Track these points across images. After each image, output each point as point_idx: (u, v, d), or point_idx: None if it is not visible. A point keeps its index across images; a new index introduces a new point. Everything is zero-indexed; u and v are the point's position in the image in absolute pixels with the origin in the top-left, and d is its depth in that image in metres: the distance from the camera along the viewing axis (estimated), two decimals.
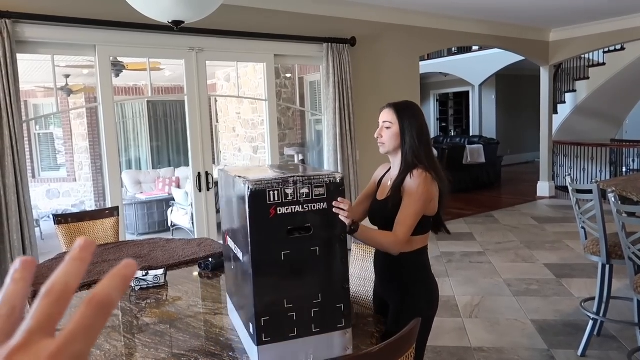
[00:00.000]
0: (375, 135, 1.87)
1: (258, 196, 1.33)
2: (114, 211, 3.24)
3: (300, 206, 1.35)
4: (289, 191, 1.35)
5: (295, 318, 1.36)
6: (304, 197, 1.35)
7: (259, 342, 1.34)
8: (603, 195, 2.62)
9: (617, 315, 3.23)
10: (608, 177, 8.40)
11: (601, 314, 2.90)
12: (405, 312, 1.76)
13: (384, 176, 1.95)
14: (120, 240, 3.50)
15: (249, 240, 1.33)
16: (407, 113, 1.82)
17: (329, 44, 5.03)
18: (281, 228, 1.35)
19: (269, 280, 1.36)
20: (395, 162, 1.85)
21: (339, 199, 1.40)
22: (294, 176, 1.36)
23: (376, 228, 1.83)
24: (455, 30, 6.30)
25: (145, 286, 2.20)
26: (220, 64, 7.53)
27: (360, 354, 1.13)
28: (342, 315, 1.39)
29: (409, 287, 1.79)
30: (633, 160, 8.59)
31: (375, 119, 1.93)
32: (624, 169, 8.78)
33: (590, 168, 8.36)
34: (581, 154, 8.39)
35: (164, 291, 2.20)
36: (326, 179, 1.38)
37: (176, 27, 2.12)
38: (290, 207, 1.34)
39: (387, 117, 1.83)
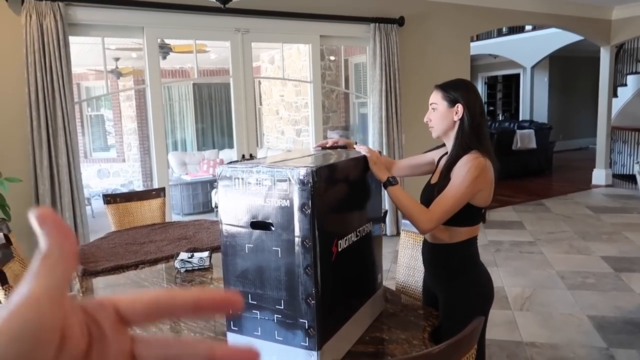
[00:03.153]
0: (425, 120, 1.75)
1: (226, 181, 1.29)
2: (160, 192, 3.27)
3: (263, 199, 1.25)
4: (252, 180, 1.26)
5: (258, 318, 1.30)
6: (266, 189, 1.24)
7: (227, 328, 1.36)
8: None
9: None
10: None
11: None
12: (455, 305, 1.67)
13: (441, 159, 1.83)
14: (167, 220, 3.54)
15: (220, 225, 1.33)
16: (454, 90, 1.66)
17: (376, 24, 4.87)
18: (245, 219, 1.28)
19: (235, 270, 1.32)
20: (449, 145, 1.72)
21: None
22: (258, 165, 1.26)
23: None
24: (508, 8, 5.98)
25: (191, 268, 2.19)
26: (264, 46, 7.49)
27: (420, 354, 1.05)
28: (306, 334, 1.23)
29: (457, 279, 1.69)
30: None
31: (422, 102, 1.82)
32: None
33: (636, 161, 7.86)
34: None
35: (208, 274, 2.18)
36: (289, 173, 1.21)
37: (224, 5, 2.07)
38: (252, 198, 1.26)
39: (432, 98, 1.71)
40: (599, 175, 7.73)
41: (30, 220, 0.28)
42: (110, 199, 3.06)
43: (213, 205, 7.33)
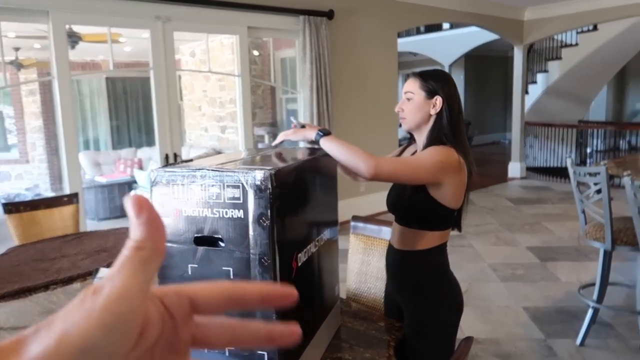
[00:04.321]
0: (396, 110, 1.57)
1: (162, 188, 1.06)
2: (73, 198, 2.89)
3: (210, 209, 1.03)
4: (195, 188, 1.04)
5: (206, 351, 1.08)
6: (214, 197, 1.03)
7: None
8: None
9: (610, 301, 3.14)
10: (576, 158, 8.48)
11: (600, 302, 2.79)
12: (425, 318, 1.54)
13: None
14: (82, 230, 3.15)
15: None
16: (434, 81, 1.51)
17: (306, 16, 4.72)
18: (187, 234, 1.06)
19: None
20: (420, 142, 1.57)
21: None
22: (202, 169, 1.03)
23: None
24: (433, 5, 6.08)
25: None
26: (184, 38, 7.08)
27: None
28: None
29: (425, 290, 1.55)
30: (600, 141, 8.70)
31: (352, 97, 1.68)
32: (589, 150, 8.90)
33: (559, 149, 8.42)
34: (551, 135, 8.43)
35: None
36: (242, 178, 1.01)
37: None
38: (196, 209, 1.04)
39: (408, 86, 1.54)
40: (515, 168, 8.15)
41: (126, 206, 0.28)
42: (11, 207, 2.63)
43: None
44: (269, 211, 1.00)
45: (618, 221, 2.61)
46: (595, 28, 8.02)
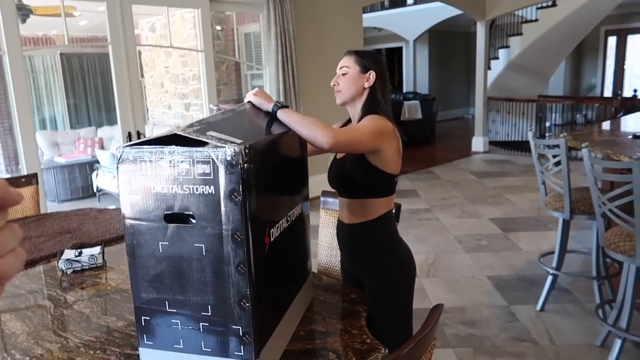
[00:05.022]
0: (332, 83, 1.63)
1: (129, 166, 1.04)
2: (32, 178, 2.78)
3: (179, 186, 1.02)
4: (164, 164, 1.02)
5: (180, 327, 1.09)
6: (183, 174, 1.01)
7: (140, 344, 1.13)
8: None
9: (567, 267, 3.29)
10: (536, 132, 8.73)
11: (559, 269, 2.91)
12: (382, 286, 1.60)
13: None
14: (42, 211, 3.04)
15: (123, 220, 1.07)
16: (367, 57, 1.62)
17: None
18: (157, 211, 1.04)
19: (146, 274, 1.09)
20: (354, 114, 1.64)
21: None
22: (170, 144, 1.01)
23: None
24: None
25: (80, 268, 1.85)
26: (143, 11, 6.82)
27: (388, 358, 0.92)
28: (241, 342, 1.05)
29: (378, 260, 1.61)
30: (558, 115, 8.97)
31: (318, 72, 1.70)
32: (548, 124, 9.17)
33: (520, 123, 8.64)
34: (512, 109, 8.62)
35: (102, 272, 1.87)
36: (212, 153, 0.98)
37: None
38: (165, 186, 1.02)
39: (344, 62, 1.62)
40: (478, 143, 8.33)
41: None
42: None
43: (95, 190, 6.62)
44: (240, 186, 0.99)
45: (576, 191, 2.72)
46: (554, 4, 8.18)
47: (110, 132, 7.88)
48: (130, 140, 4.05)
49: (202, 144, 1.03)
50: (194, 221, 1.04)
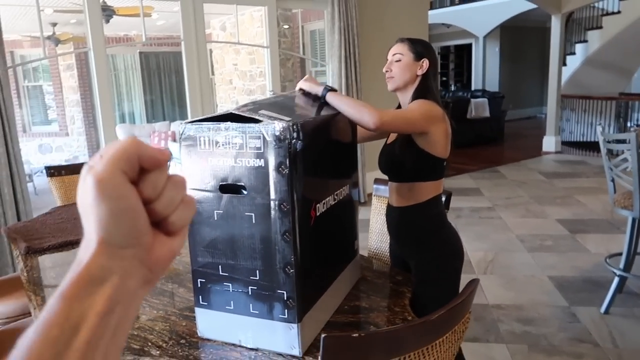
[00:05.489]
0: (384, 70, 1.67)
1: (190, 140, 1.15)
2: None
3: (233, 159, 1.10)
4: (220, 139, 1.11)
5: (231, 290, 1.17)
6: (237, 148, 1.09)
7: (196, 304, 1.23)
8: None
9: (637, 270, 3.11)
10: (615, 132, 8.21)
11: (627, 271, 2.77)
12: (429, 266, 1.63)
13: None
14: None
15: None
16: (420, 45, 1.65)
17: None
18: (213, 182, 1.14)
19: (202, 240, 1.18)
20: (405, 101, 1.67)
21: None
22: (226, 118, 1.10)
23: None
24: None
25: None
26: (215, 11, 7.13)
27: (418, 322, 0.96)
28: (285, 306, 1.12)
29: (425, 240, 1.65)
30: None
31: (381, 69, 1.73)
32: (629, 124, 8.59)
33: (597, 122, 8.16)
34: (589, 107, 8.16)
35: None
36: (262, 129, 1.06)
37: None
38: (221, 159, 1.11)
39: (397, 49, 1.66)
40: (549, 142, 7.96)
41: None
42: (54, 171, 2.79)
43: None
44: (287, 160, 1.06)
45: None
46: None
47: None
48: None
49: (255, 121, 1.12)
50: (245, 192, 1.12)
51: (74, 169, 2.85)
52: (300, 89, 1.49)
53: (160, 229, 0.36)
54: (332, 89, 1.44)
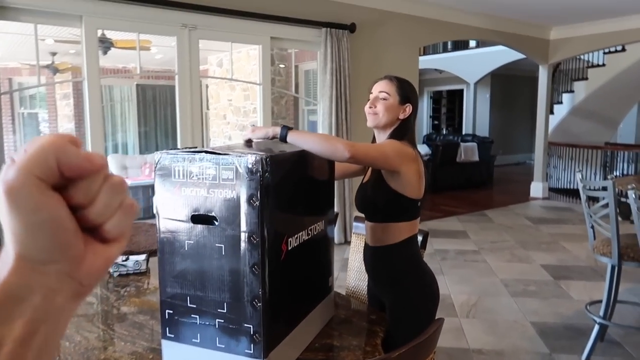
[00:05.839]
0: (368, 106, 1.67)
1: (164, 170, 1.16)
2: None
3: (206, 190, 1.12)
4: (194, 170, 1.13)
5: (198, 323, 1.17)
6: (210, 179, 1.11)
7: (163, 336, 1.22)
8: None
9: (621, 319, 3.10)
10: (601, 180, 8.33)
11: (608, 319, 2.76)
12: (401, 308, 1.62)
13: None
14: None
15: (157, 219, 1.18)
16: (407, 88, 1.68)
17: (328, 28, 4.84)
18: (186, 212, 1.15)
19: (172, 270, 1.19)
20: (380, 139, 1.70)
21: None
22: (200, 151, 1.12)
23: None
24: (456, 22, 6.14)
25: (125, 272, 2.00)
26: (212, 47, 7.29)
27: (379, 358, 0.95)
28: (252, 340, 1.11)
29: (400, 281, 1.64)
30: (628, 164, 8.52)
31: None
32: (616, 173, 8.71)
33: (584, 170, 8.28)
34: (576, 155, 8.30)
35: (145, 278, 2.00)
36: (235, 161, 1.08)
37: None
38: (194, 189, 1.13)
39: (385, 87, 1.66)
40: (537, 188, 8.05)
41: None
42: None
43: (154, 211, 6.98)
44: (258, 192, 1.08)
45: (627, 237, 2.60)
46: (623, 49, 7.93)
47: None
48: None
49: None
50: (216, 222, 1.13)
51: None
52: (248, 140, 1.43)
53: (95, 237, 0.32)
54: (290, 128, 1.41)
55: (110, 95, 9.37)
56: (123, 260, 2.03)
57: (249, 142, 1.43)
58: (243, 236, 1.11)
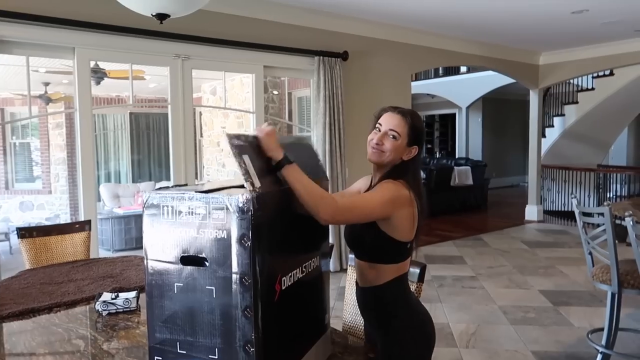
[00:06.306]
0: (375, 142, 1.55)
1: (153, 209, 1.13)
2: (85, 225, 2.97)
3: (196, 230, 1.09)
4: (184, 209, 1.10)
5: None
6: (200, 218, 1.08)
7: None
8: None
9: (622, 347, 3.04)
10: (595, 202, 8.35)
11: (610, 347, 2.70)
12: (392, 352, 1.53)
13: (367, 190, 1.71)
14: (93, 257, 3.22)
15: (145, 260, 1.14)
16: (417, 130, 1.56)
17: (321, 57, 4.87)
18: (175, 253, 1.11)
19: (161, 314, 1.13)
20: (379, 175, 1.60)
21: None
22: (190, 191, 1.11)
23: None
24: (447, 49, 6.22)
25: (114, 311, 1.94)
26: (206, 76, 7.33)
27: None
28: None
29: (390, 323, 1.55)
30: (621, 186, 8.56)
31: (365, 136, 1.65)
32: (609, 195, 8.74)
33: (577, 193, 8.30)
34: (569, 178, 8.33)
35: (135, 317, 1.94)
36: (226, 200, 1.06)
37: (161, 21, 1.92)
38: (183, 229, 1.10)
39: (397, 126, 1.53)
40: (532, 211, 8.05)
41: None
42: (25, 232, 2.73)
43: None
44: (250, 232, 1.04)
45: (626, 264, 2.57)
46: (611, 73, 8.06)
47: (167, 186, 8.29)
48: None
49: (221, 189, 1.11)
50: (207, 264, 1.09)
51: (47, 231, 2.79)
52: (255, 137, 1.31)
53: None
54: (293, 161, 1.30)
55: (103, 123, 9.36)
56: (112, 299, 1.97)
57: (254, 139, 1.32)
58: (234, 278, 1.07)
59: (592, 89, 8.43)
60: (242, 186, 1.31)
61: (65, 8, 3.52)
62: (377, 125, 1.58)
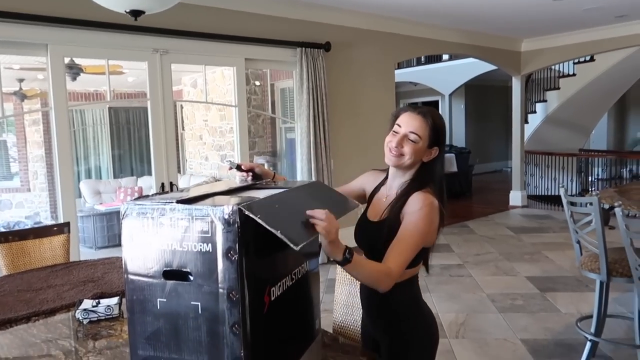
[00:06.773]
0: (394, 144, 1.47)
1: (132, 221, 1.07)
2: (63, 227, 2.87)
3: (178, 243, 1.03)
4: (165, 221, 1.04)
5: None
6: (183, 231, 1.03)
7: None
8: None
9: (610, 333, 3.07)
10: (577, 186, 8.45)
11: (599, 335, 2.72)
12: (399, 353, 1.52)
13: (376, 190, 1.67)
14: (76, 258, 3.14)
15: (125, 275, 1.09)
16: (440, 133, 1.48)
17: (303, 48, 4.79)
18: (156, 267, 1.05)
19: (144, 331, 1.08)
20: (398, 179, 1.54)
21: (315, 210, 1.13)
22: (172, 201, 1.04)
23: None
24: (430, 37, 6.17)
25: (96, 319, 1.87)
26: (186, 69, 7.19)
27: None
28: None
29: (399, 324, 1.53)
30: (602, 169, 8.67)
31: (350, 127, 1.60)
32: (591, 178, 8.86)
33: (560, 177, 8.39)
34: (551, 163, 8.41)
35: (118, 324, 1.87)
36: (211, 211, 1.00)
37: (135, 17, 1.83)
38: (165, 242, 1.04)
39: (418, 128, 1.46)
40: (516, 197, 8.11)
41: None
42: (0, 237, 2.63)
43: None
44: (237, 245, 0.99)
45: (615, 252, 2.58)
46: (592, 59, 8.11)
47: (149, 181, 8.15)
48: (163, 190, 4.17)
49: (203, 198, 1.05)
50: (191, 278, 1.04)
51: (23, 235, 2.69)
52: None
53: None
54: (351, 255, 1.27)
55: (82, 119, 9.14)
56: (93, 306, 1.90)
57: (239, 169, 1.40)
58: (221, 293, 1.01)
59: (574, 74, 8.49)
60: (229, 192, 1.25)
61: (37, 4, 3.38)
62: (396, 126, 1.50)
